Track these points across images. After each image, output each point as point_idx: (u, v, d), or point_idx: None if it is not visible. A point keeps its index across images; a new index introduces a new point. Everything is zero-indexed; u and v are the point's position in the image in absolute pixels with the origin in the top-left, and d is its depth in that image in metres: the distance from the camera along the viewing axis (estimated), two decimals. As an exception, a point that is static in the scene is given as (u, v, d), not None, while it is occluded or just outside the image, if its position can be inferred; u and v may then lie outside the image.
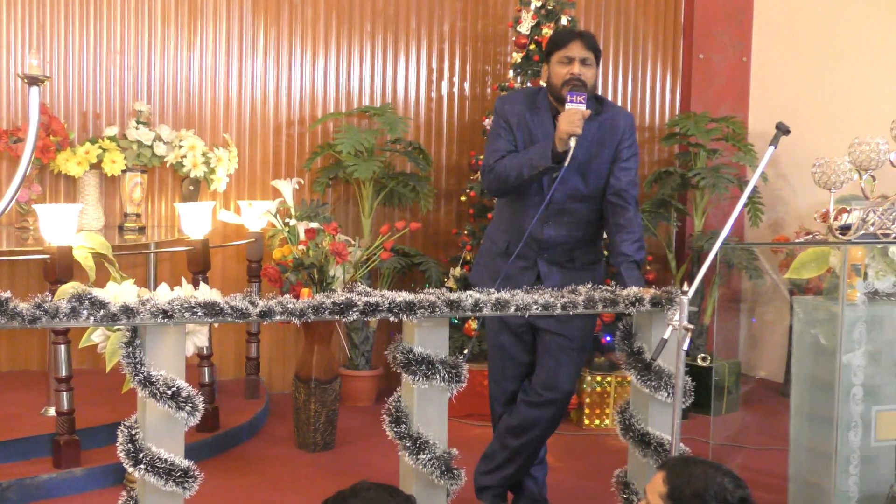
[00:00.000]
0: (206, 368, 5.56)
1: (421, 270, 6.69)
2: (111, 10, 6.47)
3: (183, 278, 4.84)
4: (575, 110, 3.91)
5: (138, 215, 6.27)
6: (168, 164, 6.32)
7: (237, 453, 5.43)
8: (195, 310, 2.99)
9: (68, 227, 4.76)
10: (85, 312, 2.87)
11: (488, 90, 7.17)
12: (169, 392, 2.98)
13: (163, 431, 3.04)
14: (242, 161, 6.68)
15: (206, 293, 4.63)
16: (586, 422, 6.10)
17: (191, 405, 3.01)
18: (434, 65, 7.10)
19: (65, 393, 4.74)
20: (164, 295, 4.03)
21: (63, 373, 4.75)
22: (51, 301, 2.85)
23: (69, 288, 4.27)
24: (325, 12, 6.86)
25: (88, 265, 4.89)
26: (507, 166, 4.07)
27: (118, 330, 4.04)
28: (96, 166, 6.17)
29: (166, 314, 2.96)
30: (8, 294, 2.79)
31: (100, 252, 4.89)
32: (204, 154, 6.29)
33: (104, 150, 6.14)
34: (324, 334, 5.54)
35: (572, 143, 3.90)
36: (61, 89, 6.39)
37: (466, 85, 7.16)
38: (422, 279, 6.70)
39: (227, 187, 6.50)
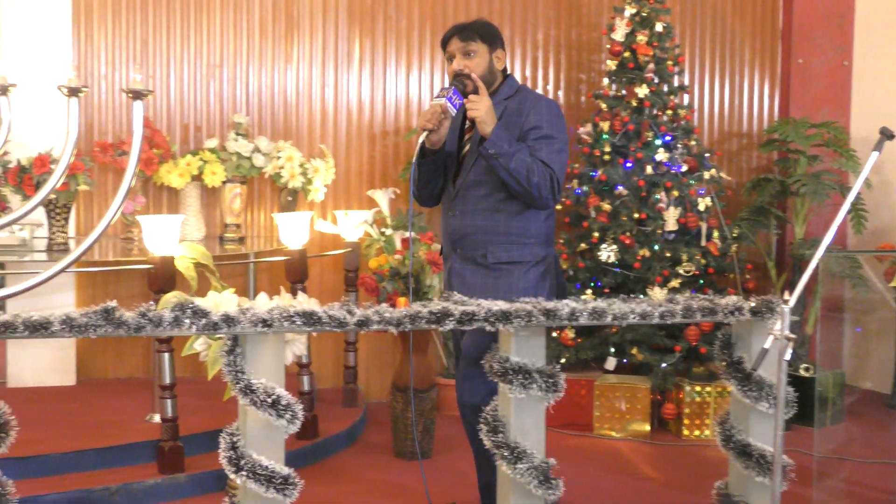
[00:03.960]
0: (304, 377, 5.62)
1: (517, 279, 6.66)
2: (211, 25, 6.60)
3: (281, 288, 4.91)
4: (433, 105, 3.82)
5: (238, 226, 6.38)
6: (266, 175, 6.41)
7: (336, 461, 5.47)
8: (294, 319, 3.02)
9: (171, 237, 4.86)
10: (187, 321, 2.92)
11: (582, 98, 7.13)
12: (269, 400, 3.01)
13: (263, 439, 3.07)
14: (339, 171, 6.74)
15: (305, 302, 4.69)
16: (685, 432, 6.01)
17: (290, 413, 3.04)
18: (528, 73, 7.08)
19: (169, 400, 4.84)
20: (263, 304, 4.09)
21: (167, 380, 4.85)
22: (154, 310, 2.91)
23: (172, 297, 4.37)
24: (419, 23, 6.90)
25: (190, 275, 4.99)
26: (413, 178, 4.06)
27: (219, 339, 4.12)
28: (197, 178, 6.29)
29: (266, 323, 3.00)
30: (114, 303, 2.86)
31: (201, 262, 4.98)
32: (301, 165, 6.36)
33: (205, 162, 6.26)
34: (420, 343, 5.56)
35: (422, 137, 3.84)
36: (164, 103, 6.54)
37: (560, 93, 7.13)
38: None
39: (324, 197, 6.57)
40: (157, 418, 5.08)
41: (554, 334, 6.22)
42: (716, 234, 6.36)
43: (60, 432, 5.13)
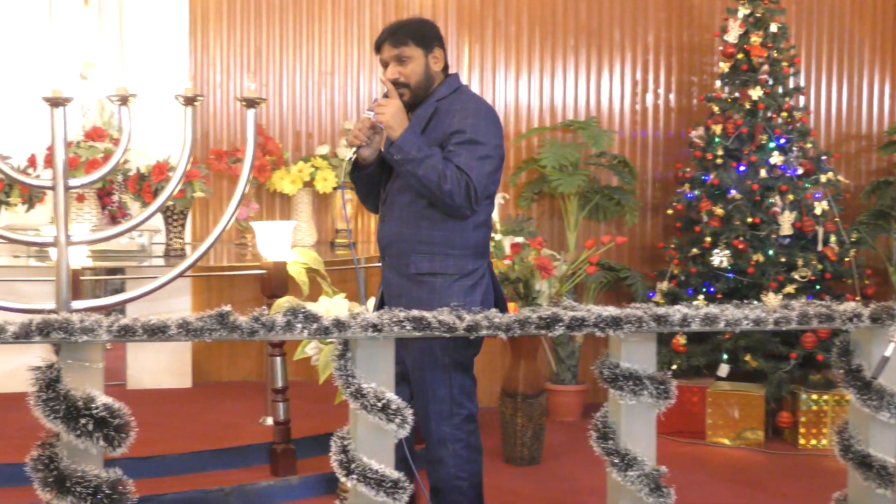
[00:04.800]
0: (414, 381, 5.63)
1: (627, 285, 6.61)
2: (322, 34, 6.70)
3: (392, 293, 4.94)
4: (363, 120, 3.67)
5: (349, 231, 6.42)
6: (377, 182, 6.45)
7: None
8: (404, 323, 3.03)
9: (283, 243, 4.94)
10: (299, 326, 2.96)
11: (694, 101, 7.02)
12: (379, 404, 3.03)
13: (373, 443, 3.09)
14: (448, 177, 6.75)
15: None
16: (801, 441, 5.87)
17: (400, 417, 3.05)
18: (638, 77, 7.01)
19: (281, 403, 4.91)
20: (373, 309, 4.12)
21: (279, 384, 4.92)
22: (267, 315, 2.95)
23: (284, 302, 4.45)
24: (528, 28, 6.89)
25: (302, 280, 5.06)
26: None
27: (330, 343, 4.17)
28: (309, 184, 6.37)
29: (376, 328, 3.02)
30: (228, 308, 2.91)
31: (313, 267, 5.05)
32: (411, 171, 6.39)
33: (316, 169, 6.34)
34: (530, 349, 5.54)
35: (350, 153, 3.71)
36: (276, 111, 6.65)
37: (672, 96, 7.04)
38: (628, 293, 6.62)
39: (433, 203, 6.59)
40: (269, 421, 5.16)
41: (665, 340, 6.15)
42: (833, 238, 6.20)
43: (177, 433, 5.25)
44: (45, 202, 5.66)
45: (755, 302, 5.83)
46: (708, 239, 6.23)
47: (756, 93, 6.26)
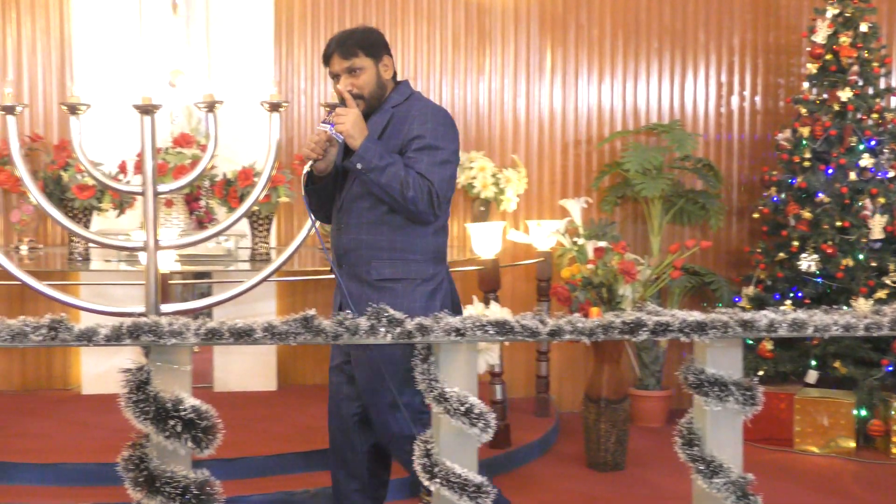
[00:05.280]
0: (497, 386, 5.64)
1: (712, 290, 6.54)
2: (405, 39, 6.73)
3: (474, 297, 4.96)
4: (318, 133, 3.59)
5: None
6: (459, 186, 6.48)
7: (528, 471, 5.47)
8: (487, 328, 3.03)
9: (367, 247, 4.95)
10: (382, 330, 2.97)
11: (781, 103, 6.91)
12: (462, 408, 3.03)
13: (457, 447, 3.10)
14: (531, 181, 6.75)
15: (497, 312, 4.72)
16: (894, 450, 5.74)
17: (483, 422, 3.05)
18: (723, 79, 6.93)
19: (364, 407, 4.93)
20: (456, 313, 4.12)
21: (362, 387, 4.94)
22: (351, 318, 2.97)
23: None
24: (611, 31, 6.84)
25: (385, 284, 5.07)
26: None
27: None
28: (392, 189, 6.40)
29: (459, 332, 3.02)
30: (313, 312, 2.94)
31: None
32: (493, 175, 6.40)
33: (399, 174, 6.37)
34: (613, 353, 5.50)
35: (307, 167, 3.65)
36: (360, 116, 6.69)
37: (758, 99, 6.94)
38: (713, 298, 6.54)
39: (516, 207, 6.59)
40: (353, 424, 5.18)
41: (749, 342, 6.06)
42: (926, 242, 6.06)
43: (263, 436, 5.31)
44: (135, 207, 5.77)
45: (844, 307, 5.71)
46: (795, 243, 6.13)
47: (845, 94, 6.15)
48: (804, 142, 6.23)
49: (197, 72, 6.19)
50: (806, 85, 6.37)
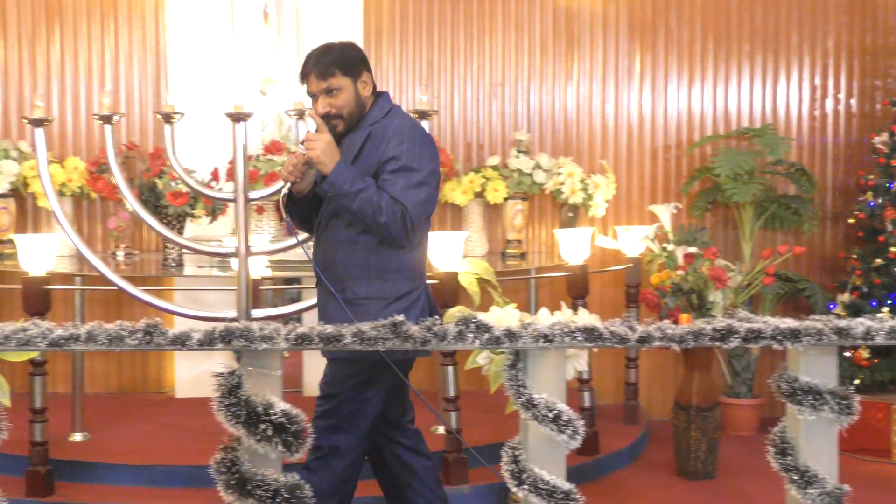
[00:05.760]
0: (585, 392, 5.61)
1: (805, 296, 6.42)
2: (493, 45, 6.74)
3: (562, 303, 4.94)
4: (296, 154, 3.53)
5: (519, 241, 6.46)
6: (547, 192, 6.46)
7: (616, 478, 5.43)
8: (575, 334, 3.02)
9: (455, 253, 4.98)
10: (470, 336, 2.98)
11: (878, 106, 6.76)
12: (550, 415, 3.02)
13: (545, 453, 3.09)
14: (620, 187, 6.71)
15: (586, 318, 4.70)
16: None
17: (572, 428, 3.04)
18: (817, 82, 6.80)
19: (453, 412, 4.95)
20: (544, 319, 4.12)
21: (451, 393, 4.96)
22: (439, 325, 2.98)
23: (456, 312, 4.49)
24: (701, 35, 6.77)
25: (473, 290, 5.10)
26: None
27: (501, 353, 4.18)
28: (480, 195, 6.42)
29: (547, 338, 3.01)
30: (401, 317, 2.96)
31: (484, 277, 5.08)
32: (582, 181, 6.38)
33: (487, 179, 6.38)
34: (703, 361, 5.43)
35: (285, 189, 3.59)
36: (448, 122, 6.73)
37: (853, 102, 6.80)
38: (806, 305, 6.42)
39: (604, 213, 6.55)
40: (441, 430, 5.21)
41: (847, 354, 5.93)
42: None
43: (351, 440, 5.34)
44: (227, 214, 5.87)
45: (944, 315, 5.57)
46: (893, 249, 5.99)
47: (945, 96, 6.00)
48: (902, 145, 6.10)
49: (287, 80, 6.26)
50: (903, 87, 6.23)
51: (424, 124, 4.83)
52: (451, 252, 4.98)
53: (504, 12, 6.74)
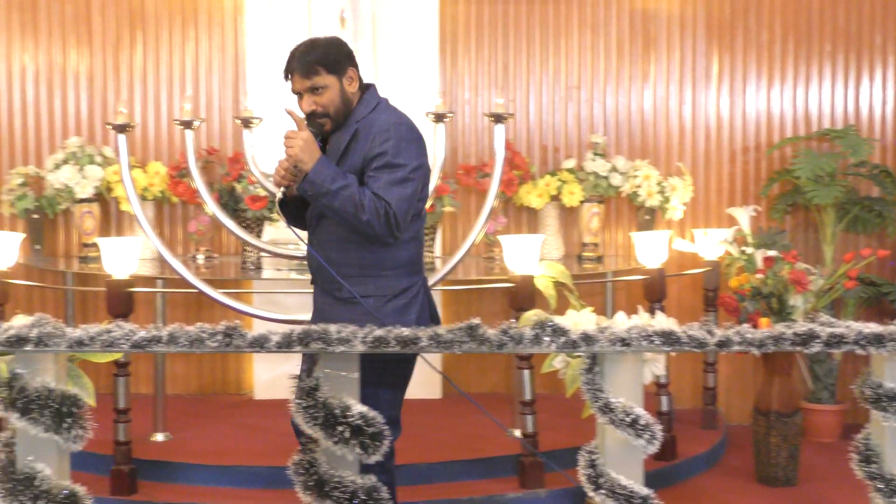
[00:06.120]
0: (663, 397, 5.56)
1: (890, 301, 6.29)
2: (569, 48, 6.72)
3: (639, 307, 4.90)
4: (287, 158, 3.44)
5: (596, 245, 6.43)
6: (624, 194, 6.42)
7: (695, 484, 5.37)
8: (652, 338, 3.00)
9: (531, 256, 4.97)
10: (547, 339, 2.97)
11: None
12: (628, 419, 3.01)
13: (622, 458, 3.07)
14: (697, 189, 6.64)
15: (663, 322, 4.65)
16: None
17: (649, 433, 3.02)
18: (903, 81, 6.68)
19: (529, 416, 4.94)
20: (621, 323, 4.10)
21: (527, 397, 4.96)
22: (515, 328, 2.98)
23: (532, 315, 4.47)
24: (780, 35, 6.67)
25: (550, 293, 5.08)
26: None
27: (578, 357, 4.16)
28: (556, 198, 6.40)
29: (624, 342, 3.00)
30: (478, 320, 2.96)
31: (560, 281, 5.07)
32: (659, 183, 6.33)
33: (563, 182, 6.37)
34: (784, 366, 5.36)
35: (279, 193, 3.50)
36: (523, 125, 6.72)
37: (946, 101, 6.66)
38: (890, 309, 6.29)
39: (682, 216, 6.49)
40: (517, 433, 5.20)
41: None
42: None
43: (427, 443, 5.36)
44: (305, 218, 5.92)
45: None
46: None
47: None
48: None
49: (364, 84, 6.31)
50: None
51: (500, 128, 4.85)
52: (527, 255, 4.97)
53: (580, 14, 6.72)
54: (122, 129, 4.92)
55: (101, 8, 6.56)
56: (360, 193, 3.36)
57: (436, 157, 5.18)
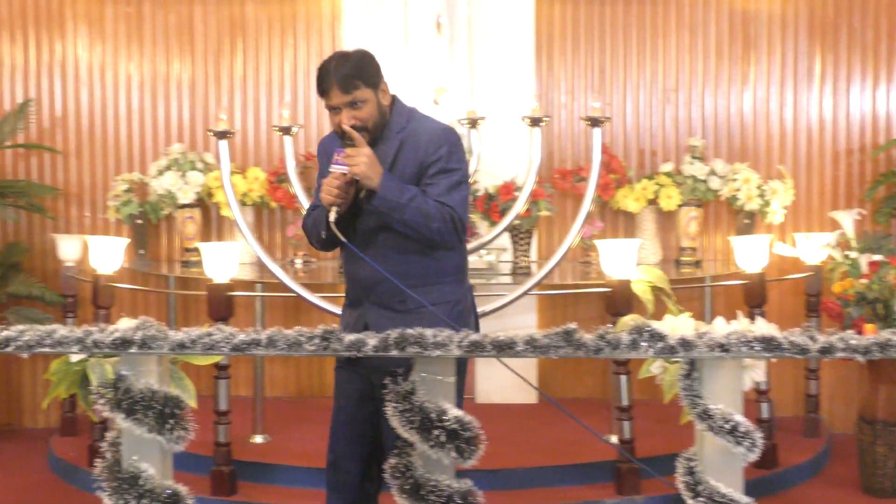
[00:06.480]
0: (763, 404, 5.47)
1: None
2: (667, 50, 6.65)
3: (739, 312, 4.83)
4: (335, 175, 3.36)
5: (694, 249, 6.35)
6: (722, 198, 6.33)
7: (797, 493, 5.27)
8: (752, 344, 2.95)
9: (628, 261, 4.94)
10: (644, 344, 2.95)
11: None
12: (727, 426, 2.96)
13: (721, 465, 3.03)
14: (798, 192, 6.51)
15: (764, 327, 4.57)
16: None
17: (749, 440, 2.97)
18: None
19: (626, 422, 4.91)
20: (720, 328, 4.04)
21: (624, 402, 4.92)
22: (612, 333, 2.96)
23: (629, 320, 4.44)
24: (887, 33, 6.51)
25: (647, 298, 5.04)
26: (308, 228, 3.63)
27: (676, 362, 4.12)
28: (653, 202, 6.34)
29: (723, 348, 2.95)
30: (574, 325, 2.95)
31: (657, 285, 5.02)
32: (758, 187, 6.23)
33: (660, 186, 6.30)
34: (890, 373, 5.22)
35: (332, 215, 3.36)
36: (620, 129, 6.67)
37: None
38: None
39: (782, 220, 6.37)
40: (614, 439, 5.16)
41: None
42: None
43: (523, 448, 5.36)
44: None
45: None
46: None
47: None
48: None
49: (460, 89, 6.33)
50: None
51: (596, 131, 4.83)
52: (624, 260, 4.94)
53: (678, 16, 6.64)
54: (222, 135, 5.02)
55: (202, 17, 6.69)
56: (425, 203, 3.38)
57: (532, 160, 5.18)
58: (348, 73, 3.41)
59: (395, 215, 3.37)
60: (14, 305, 6.25)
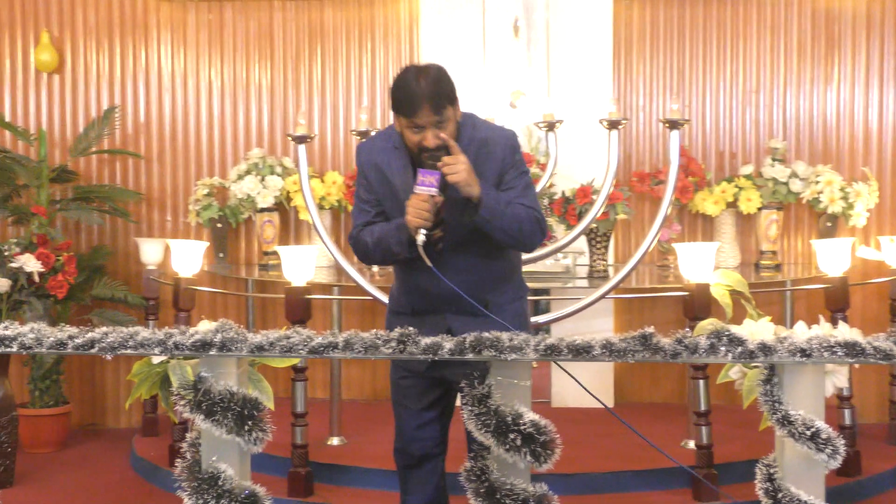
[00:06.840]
0: (846, 410, 5.36)
1: None
2: (747, 51, 6.57)
3: (820, 316, 4.74)
4: (422, 197, 3.28)
5: (774, 252, 6.27)
6: (804, 201, 6.24)
7: (880, 502, 5.17)
8: (834, 349, 2.90)
9: (706, 264, 4.89)
10: (723, 349, 2.91)
11: None
12: (808, 433, 2.91)
13: (802, 472, 2.98)
14: (883, 195, 6.39)
15: (846, 332, 4.49)
16: None
17: (831, 447, 2.91)
18: None
19: (703, 427, 4.85)
20: (801, 333, 3.97)
21: (702, 407, 4.87)
22: (690, 337, 2.93)
23: (707, 324, 4.39)
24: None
25: (725, 302, 4.98)
26: (369, 245, 3.53)
27: (755, 367, 4.06)
28: (732, 205, 6.27)
29: (805, 353, 2.90)
30: (651, 329, 2.92)
31: (736, 289, 4.96)
32: (842, 189, 6.12)
33: (740, 189, 6.23)
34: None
35: (420, 237, 3.27)
36: (699, 131, 6.60)
37: None
38: None
39: (866, 222, 6.25)
40: (691, 444, 5.11)
41: None
42: None
43: (599, 452, 5.32)
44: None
45: None
46: None
47: None
48: None
49: (537, 92, 6.32)
50: None
51: (675, 134, 4.79)
52: (702, 263, 4.89)
53: (759, 16, 6.56)
54: (301, 140, 5.07)
55: (282, 23, 6.77)
56: (515, 207, 3.40)
57: (609, 163, 5.15)
58: (440, 93, 3.37)
59: (496, 223, 3.37)
60: (98, 307, 6.37)
